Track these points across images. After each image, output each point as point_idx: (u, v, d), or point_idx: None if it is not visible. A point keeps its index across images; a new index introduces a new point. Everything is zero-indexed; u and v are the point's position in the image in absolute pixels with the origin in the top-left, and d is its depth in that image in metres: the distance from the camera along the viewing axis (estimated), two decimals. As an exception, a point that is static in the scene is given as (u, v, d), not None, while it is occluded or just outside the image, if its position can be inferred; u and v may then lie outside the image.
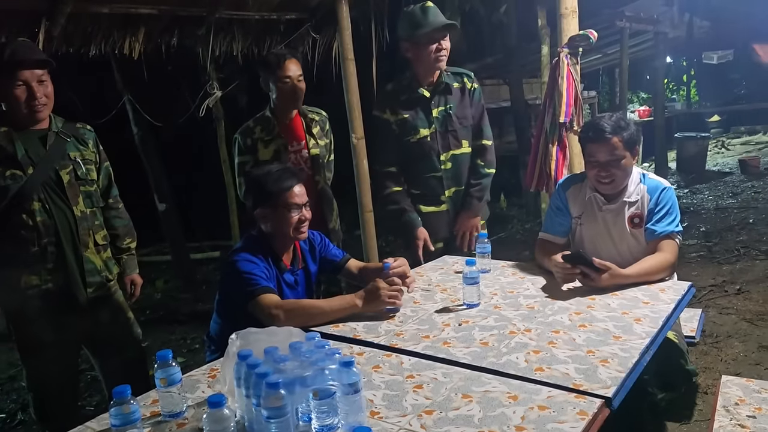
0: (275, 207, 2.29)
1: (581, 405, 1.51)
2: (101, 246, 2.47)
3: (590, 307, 2.16)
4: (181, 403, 1.57)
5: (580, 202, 2.61)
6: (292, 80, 2.99)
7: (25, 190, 2.25)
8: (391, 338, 2.00)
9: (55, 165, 2.32)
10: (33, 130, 2.32)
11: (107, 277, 2.49)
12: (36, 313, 2.32)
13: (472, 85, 3.09)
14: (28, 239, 2.28)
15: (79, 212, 2.37)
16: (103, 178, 2.54)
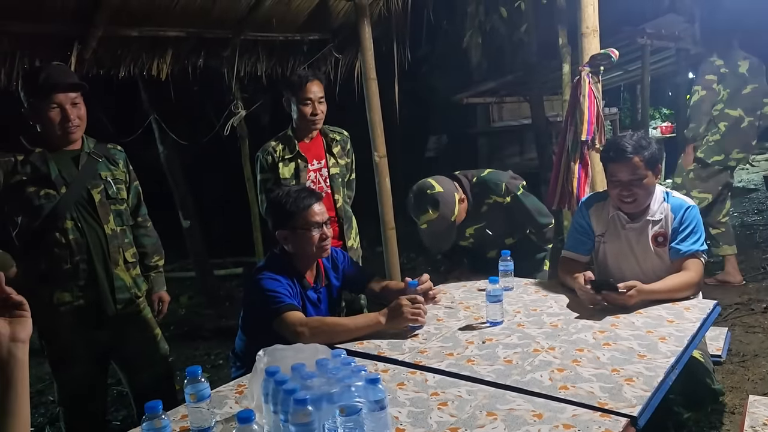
0: (295, 227, 2.32)
1: (606, 424, 1.51)
2: (131, 263, 2.53)
3: (614, 325, 2.16)
4: (210, 419, 1.60)
5: (604, 221, 2.61)
6: (313, 102, 3.05)
7: (59, 209, 2.32)
8: (416, 355, 2.01)
9: (87, 184, 2.39)
10: (66, 151, 2.39)
11: (136, 294, 2.54)
12: (67, 328, 2.38)
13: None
14: (60, 257, 2.33)
15: (109, 230, 2.43)
16: (132, 197, 2.60)
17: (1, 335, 1.21)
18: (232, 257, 6.98)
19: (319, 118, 3.14)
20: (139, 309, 2.57)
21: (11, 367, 1.22)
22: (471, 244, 2.79)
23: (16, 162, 2.30)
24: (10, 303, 1.25)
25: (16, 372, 1.23)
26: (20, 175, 2.29)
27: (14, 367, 1.22)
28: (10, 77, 3.25)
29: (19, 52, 3.26)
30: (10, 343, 1.22)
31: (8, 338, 1.22)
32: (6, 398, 1.22)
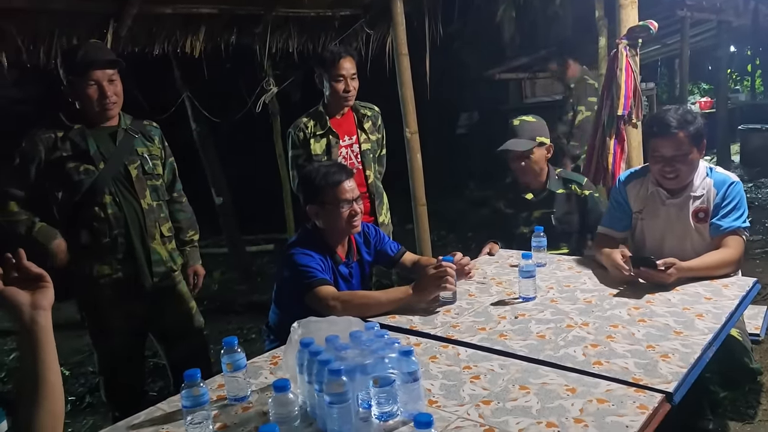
0: (325, 203, 2.32)
1: (641, 399, 1.50)
2: (166, 238, 2.58)
3: (650, 302, 2.13)
4: (246, 388, 1.64)
5: (642, 197, 2.56)
6: (345, 78, 3.05)
7: (98, 184, 2.37)
8: (448, 330, 2.02)
9: (124, 160, 2.43)
10: (103, 127, 2.43)
11: (172, 268, 2.59)
12: (106, 300, 2.44)
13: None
14: (100, 231, 2.39)
15: (146, 205, 2.47)
16: (167, 173, 2.64)
17: (23, 304, 1.29)
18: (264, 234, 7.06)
19: (352, 94, 3.13)
20: (175, 282, 2.62)
21: (35, 333, 1.29)
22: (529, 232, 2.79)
23: (56, 138, 2.35)
24: (31, 276, 1.32)
25: (41, 337, 1.30)
26: (60, 151, 2.35)
27: (38, 332, 1.29)
28: (49, 55, 3.30)
29: (57, 30, 3.30)
30: (32, 311, 1.29)
31: (30, 306, 1.29)
32: (33, 362, 1.29)
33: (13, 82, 5.97)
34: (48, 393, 1.30)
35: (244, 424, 1.51)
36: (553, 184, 2.94)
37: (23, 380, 1.30)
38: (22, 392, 1.30)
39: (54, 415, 1.31)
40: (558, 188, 2.94)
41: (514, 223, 2.95)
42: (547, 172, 2.94)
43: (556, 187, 2.94)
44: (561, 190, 2.95)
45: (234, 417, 1.55)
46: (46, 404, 1.30)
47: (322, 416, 1.44)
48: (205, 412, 1.44)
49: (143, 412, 1.61)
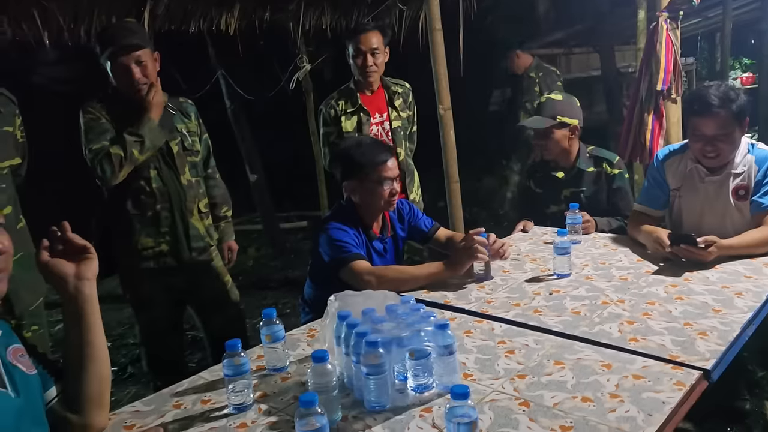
0: (366, 180, 2.33)
1: (678, 376, 1.49)
2: (204, 213, 2.63)
3: (687, 279, 2.10)
4: (285, 359, 1.68)
5: (680, 174, 2.51)
6: (365, 53, 3.04)
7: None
8: (482, 305, 2.03)
9: (166, 136, 2.48)
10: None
11: (209, 243, 2.65)
12: (148, 273, 2.51)
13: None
14: (145, 204, 2.46)
15: (185, 181, 2.53)
16: (203, 149, 2.69)
17: (67, 274, 1.34)
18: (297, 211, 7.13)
19: (372, 69, 3.11)
20: (212, 257, 2.68)
21: (79, 302, 1.34)
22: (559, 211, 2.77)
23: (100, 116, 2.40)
24: (76, 248, 1.36)
25: (86, 306, 1.35)
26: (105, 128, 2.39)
27: (83, 302, 1.35)
28: (89, 34, 3.36)
29: (96, 9, 3.36)
30: (77, 281, 1.34)
31: (74, 277, 1.34)
32: (79, 331, 1.35)
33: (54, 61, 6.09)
34: (95, 357, 1.36)
35: (283, 393, 1.56)
36: (583, 162, 2.89)
37: (70, 348, 1.35)
38: (70, 360, 1.35)
39: (101, 379, 1.37)
40: (588, 167, 2.89)
41: (543, 202, 2.93)
42: (577, 150, 2.90)
43: (586, 165, 2.89)
44: (591, 169, 2.89)
45: (273, 386, 1.59)
46: (93, 368, 1.36)
47: (359, 387, 1.47)
48: (246, 380, 1.48)
49: (186, 381, 1.66)
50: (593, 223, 2.74)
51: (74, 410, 1.34)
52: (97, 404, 1.38)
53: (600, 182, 2.89)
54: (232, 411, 1.47)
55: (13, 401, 1.13)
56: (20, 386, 1.17)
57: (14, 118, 2.26)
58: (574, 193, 2.88)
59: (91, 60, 2.54)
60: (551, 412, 1.38)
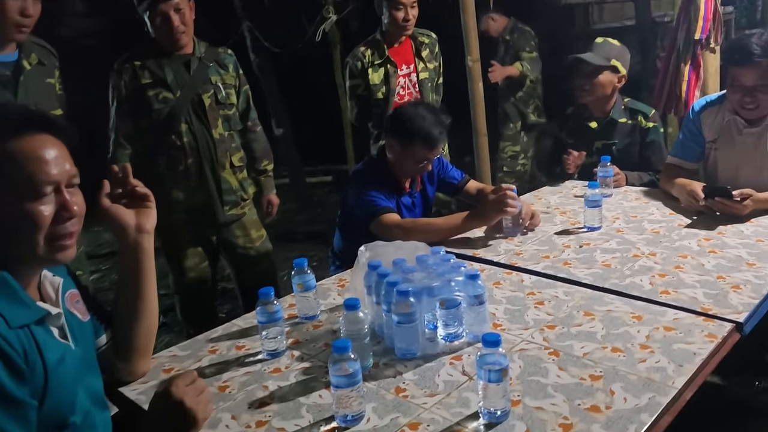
0: (410, 150, 2.28)
1: (710, 328, 1.49)
2: (237, 167, 2.63)
3: (721, 233, 2.07)
4: (316, 307, 1.71)
5: (717, 126, 2.44)
6: (406, 6, 2.98)
7: (174, 112, 2.44)
8: (511, 257, 2.03)
9: (198, 89, 2.48)
10: (178, 56, 2.47)
11: (242, 197, 2.66)
12: (181, 226, 2.55)
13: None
14: (176, 158, 2.48)
15: (217, 135, 2.53)
16: (242, 101, 2.67)
17: (129, 225, 1.32)
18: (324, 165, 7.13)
19: (411, 23, 3.07)
20: (245, 210, 2.70)
21: (138, 255, 1.33)
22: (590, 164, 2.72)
23: (134, 67, 2.42)
24: (137, 195, 1.35)
25: (143, 260, 1.34)
26: (140, 80, 2.42)
27: (141, 255, 1.34)
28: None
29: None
30: (137, 234, 1.33)
31: (135, 229, 1.33)
32: (135, 284, 1.35)
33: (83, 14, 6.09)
34: (147, 311, 1.37)
35: (315, 340, 1.59)
36: (617, 113, 2.81)
37: (123, 300, 1.36)
38: (122, 311, 1.36)
39: (150, 331, 1.39)
40: (621, 117, 2.81)
41: None
42: (614, 102, 2.82)
43: (620, 116, 2.81)
44: (624, 120, 2.81)
45: (305, 334, 1.63)
46: (144, 321, 1.37)
47: (389, 335, 1.50)
48: (279, 327, 1.51)
49: (220, 327, 1.71)
50: (623, 176, 2.70)
51: (121, 358, 1.37)
52: (144, 353, 1.42)
53: (633, 135, 2.82)
54: (266, 357, 1.51)
55: (74, 353, 1.13)
56: (78, 335, 1.17)
57: (55, 70, 2.29)
58: (605, 145, 2.82)
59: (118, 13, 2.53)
60: (581, 361, 1.39)
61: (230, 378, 1.44)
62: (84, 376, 1.16)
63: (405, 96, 3.31)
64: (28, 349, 1.00)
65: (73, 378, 1.11)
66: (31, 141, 1.05)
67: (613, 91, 2.80)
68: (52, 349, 1.06)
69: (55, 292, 1.17)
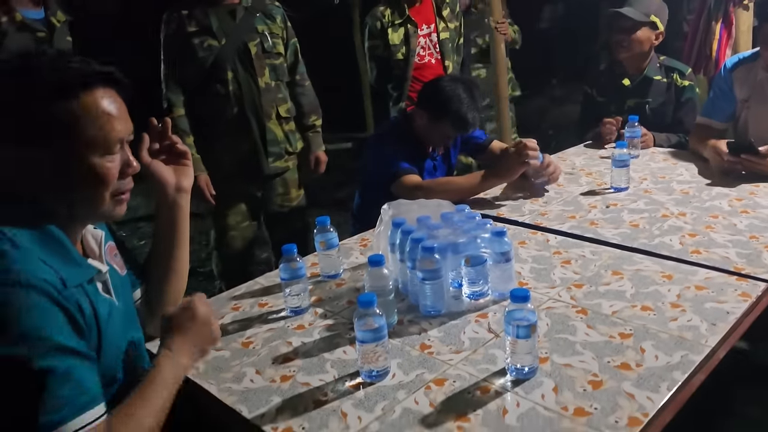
0: (438, 125, 2.26)
1: (743, 287, 1.45)
2: (284, 119, 2.60)
3: (753, 193, 2.02)
4: (339, 266, 1.69)
5: (750, 85, 2.36)
6: None
7: (219, 59, 2.43)
8: (536, 217, 1.99)
9: (243, 37, 2.46)
10: (225, 5, 2.46)
11: (287, 149, 2.63)
12: (226, 177, 2.55)
13: None
14: (221, 107, 2.46)
15: (263, 84, 2.50)
16: (290, 54, 2.64)
17: (168, 183, 1.29)
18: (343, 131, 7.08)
19: None
20: (289, 165, 2.67)
21: (175, 214, 1.32)
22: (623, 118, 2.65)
23: (181, 17, 2.41)
24: (176, 152, 1.32)
25: (180, 218, 1.33)
26: (186, 29, 2.41)
27: (178, 213, 1.32)
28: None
29: None
30: (176, 192, 1.31)
31: (174, 188, 1.30)
32: (171, 242, 1.33)
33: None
34: (178, 271, 1.35)
35: (338, 298, 1.57)
36: (652, 70, 2.72)
37: (157, 258, 1.34)
38: (154, 269, 1.35)
39: (178, 292, 1.37)
40: (656, 75, 2.72)
41: (605, 112, 2.79)
42: (649, 59, 2.73)
43: (655, 73, 2.72)
44: (659, 77, 2.72)
45: (328, 291, 1.61)
46: (174, 282, 1.35)
47: (414, 293, 1.48)
48: (302, 284, 1.50)
49: (243, 285, 1.70)
50: (651, 137, 2.63)
51: (150, 313, 1.36)
52: None
53: (668, 94, 2.72)
54: (289, 314, 1.50)
55: (118, 308, 1.13)
56: (119, 289, 1.16)
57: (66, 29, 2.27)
58: (638, 103, 2.74)
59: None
60: (610, 319, 1.36)
61: (254, 334, 1.43)
62: (128, 330, 1.16)
63: (425, 57, 3.24)
64: (85, 307, 1.00)
65: (120, 333, 1.11)
66: (100, 95, 1.02)
67: (650, 48, 2.70)
68: (101, 304, 1.06)
69: (98, 246, 1.16)
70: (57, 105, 0.98)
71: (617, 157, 2.12)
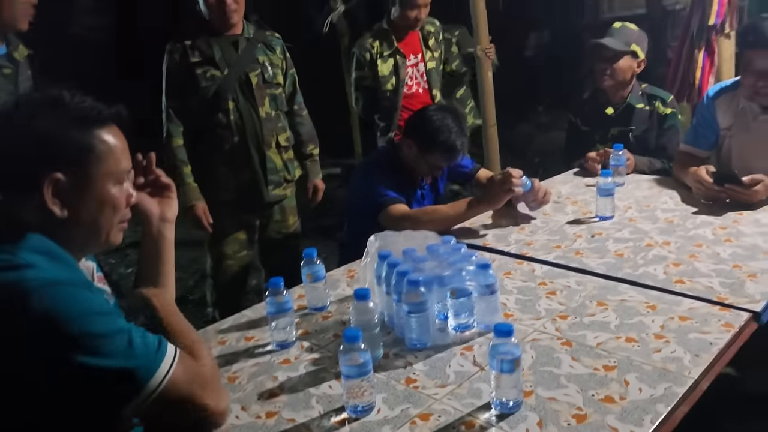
0: (427, 157, 2.29)
1: (726, 317, 1.46)
2: (283, 147, 2.64)
3: (736, 221, 2.04)
4: (326, 298, 1.69)
5: (732, 113, 2.40)
6: (421, 7, 2.97)
7: (222, 90, 2.47)
8: (522, 247, 2.01)
9: (245, 67, 2.50)
10: (227, 36, 2.51)
11: (285, 177, 2.67)
12: (225, 205, 2.58)
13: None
14: (222, 137, 2.50)
15: (264, 113, 2.55)
16: (288, 84, 2.69)
17: (153, 215, 1.31)
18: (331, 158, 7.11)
19: (422, 21, 3.07)
20: (287, 193, 2.71)
21: (160, 245, 1.32)
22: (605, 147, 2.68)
23: (185, 47, 2.46)
24: (160, 184, 1.34)
25: (165, 249, 1.32)
26: (189, 59, 2.45)
27: (163, 244, 1.32)
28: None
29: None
30: (160, 222, 1.32)
31: (158, 218, 1.32)
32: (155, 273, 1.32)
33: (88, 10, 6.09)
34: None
35: (324, 331, 1.57)
36: (635, 98, 2.76)
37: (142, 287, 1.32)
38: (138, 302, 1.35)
39: None
40: (639, 103, 2.76)
41: (589, 141, 2.83)
42: (631, 87, 2.78)
43: (637, 101, 2.76)
44: (641, 106, 2.76)
45: (315, 325, 1.61)
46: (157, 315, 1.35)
47: (400, 325, 1.48)
48: (288, 318, 1.50)
49: (230, 318, 1.69)
50: (633, 161, 2.66)
51: None
52: None
53: (651, 121, 2.76)
54: (276, 348, 1.50)
55: None
56: None
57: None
58: (622, 132, 2.77)
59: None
60: (594, 351, 1.36)
61: (239, 369, 1.43)
62: None
63: (413, 86, 3.28)
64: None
65: None
66: (111, 131, 1.11)
67: (632, 77, 2.75)
68: None
69: (91, 277, 1.21)
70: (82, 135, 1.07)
71: (602, 186, 2.14)
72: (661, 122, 2.76)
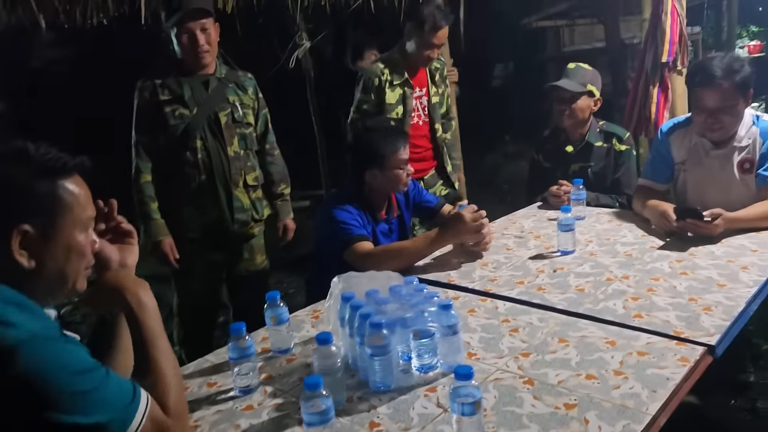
0: (387, 168, 2.32)
1: (683, 352, 1.49)
2: (251, 187, 2.64)
3: (692, 254, 2.10)
4: (289, 341, 1.69)
5: (686, 148, 2.48)
6: (437, 47, 3.02)
7: (190, 128, 2.47)
8: (486, 283, 2.03)
9: (215, 107, 2.51)
10: (199, 75, 2.52)
11: (253, 216, 2.66)
12: (192, 243, 2.56)
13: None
14: (190, 175, 2.50)
15: (232, 152, 2.55)
16: (261, 124, 2.71)
17: (112, 260, 1.30)
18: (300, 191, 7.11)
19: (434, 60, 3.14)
20: (254, 232, 2.71)
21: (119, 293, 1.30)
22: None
23: (155, 86, 2.47)
24: (121, 231, 1.33)
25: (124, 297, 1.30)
26: (159, 97, 2.46)
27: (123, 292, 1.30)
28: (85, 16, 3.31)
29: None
30: (120, 268, 1.30)
31: (117, 264, 1.30)
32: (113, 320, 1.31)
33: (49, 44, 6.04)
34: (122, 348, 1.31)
35: (288, 374, 1.56)
36: (593, 136, 2.85)
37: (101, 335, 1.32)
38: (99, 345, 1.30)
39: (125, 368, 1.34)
40: (597, 141, 2.85)
41: (551, 176, 2.90)
42: (589, 125, 2.86)
43: (596, 139, 2.85)
44: (600, 144, 2.85)
45: (279, 368, 1.60)
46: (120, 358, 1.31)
47: (363, 368, 1.48)
48: (251, 363, 1.49)
49: (192, 363, 1.67)
50: None
51: None
52: None
53: (608, 158, 2.84)
54: (238, 394, 1.48)
55: None
56: None
57: None
58: (582, 168, 2.85)
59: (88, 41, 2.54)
60: (555, 389, 1.38)
61: (201, 417, 1.41)
62: None
63: (415, 118, 3.29)
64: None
65: None
66: (75, 180, 1.13)
67: (590, 115, 2.84)
68: None
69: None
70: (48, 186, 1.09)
71: (563, 221, 2.18)
72: (617, 159, 2.84)
